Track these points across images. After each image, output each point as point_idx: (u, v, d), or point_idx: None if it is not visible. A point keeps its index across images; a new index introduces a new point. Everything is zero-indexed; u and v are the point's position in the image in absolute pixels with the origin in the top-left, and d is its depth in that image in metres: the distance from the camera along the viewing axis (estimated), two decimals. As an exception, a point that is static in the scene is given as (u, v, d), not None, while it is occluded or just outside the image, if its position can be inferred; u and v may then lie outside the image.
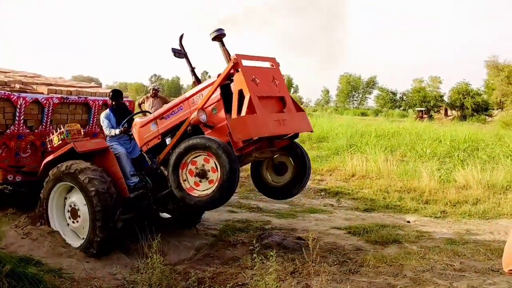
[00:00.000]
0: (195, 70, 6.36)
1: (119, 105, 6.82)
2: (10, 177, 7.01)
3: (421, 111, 55.13)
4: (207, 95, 5.60)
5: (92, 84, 9.68)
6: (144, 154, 6.34)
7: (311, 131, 6.31)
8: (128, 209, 6.14)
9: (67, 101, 7.47)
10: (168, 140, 6.08)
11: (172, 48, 6.19)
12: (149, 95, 11.71)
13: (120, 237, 6.01)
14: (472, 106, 55.51)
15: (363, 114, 62.43)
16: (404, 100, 68.62)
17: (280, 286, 4.62)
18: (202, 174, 5.25)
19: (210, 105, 5.66)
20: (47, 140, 6.80)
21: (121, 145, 6.50)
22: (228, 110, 5.50)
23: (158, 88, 11.75)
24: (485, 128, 26.48)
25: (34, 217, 6.58)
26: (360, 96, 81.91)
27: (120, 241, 6.07)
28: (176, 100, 6.23)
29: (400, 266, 5.88)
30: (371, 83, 79.18)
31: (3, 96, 6.71)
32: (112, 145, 6.42)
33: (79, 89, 7.98)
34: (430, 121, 42.89)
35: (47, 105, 7.15)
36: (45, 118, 7.21)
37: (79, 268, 5.49)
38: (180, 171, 5.34)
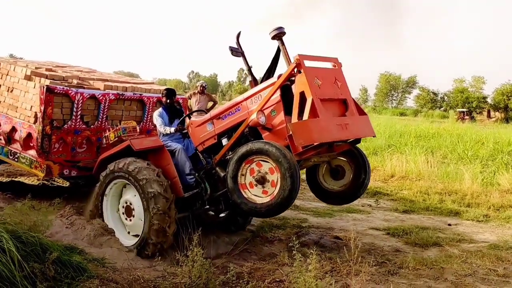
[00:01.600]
0: (252, 69, 6.24)
1: (172, 103, 6.80)
2: (66, 171, 7.08)
3: (463, 112, 53.70)
4: (267, 97, 5.46)
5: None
6: (199, 153, 6.29)
7: (374, 136, 6.09)
8: (182, 208, 6.10)
9: (123, 97, 7.51)
10: (224, 141, 5.98)
11: (230, 47, 6.10)
12: (196, 91, 11.72)
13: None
14: (516, 108, 53.73)
15: (402, 114, 61.35)
16: (445, 101, 67.04)
17: (319, 285, 4.60)
18: (260, 180, 5.18)
19: (269, 107, 5.52)
20: (103, 136, 6.90)
21: (176, 142, 6.46)
22: (287, 113, 5.38)
23: (205, 85, 11.78)
24: (531, 131, 25.54)
25: (78, 207, 6.78)
26: (399, 95, 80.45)
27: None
28: (233, 101, 6.14)
29: (441, 270, 5.76)
30: (411, 83, 77.64)
31: (61, 92, 6.79)
32: (167, 142, 6.39)
33: (134, 85, 8.01)
34: (471, 122, 41.75)
35: (103, 101, 7.21)
36: (101, 114, 7.27)
37: (120, 258, 5.62)
38: (244, 164, 5.27)
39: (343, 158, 6.16)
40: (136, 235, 6.09)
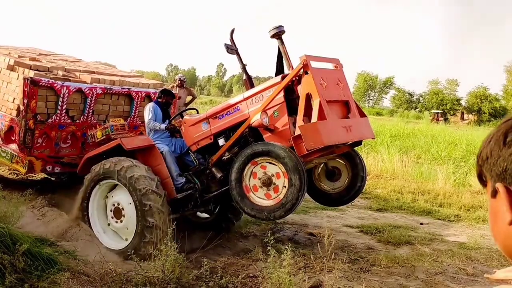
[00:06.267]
0: (246, 67, 6.12)
1: (166, 103, 6.54)
2: (49, 167, 6.76)
3: (437, 113, 54.66)
4: (271, 97, 5.35)
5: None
6: (191, 153, 6.06)
7: (373, 138, 6.08)
8: (174, 210, 5.88)
9: (110, 91, 7.12)
10: (221, 141, 5.78)
11: (225, 44, 5.95)
12: (174, 84, 11.50)
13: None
14: (489, 111, 54.93)
15: (378, 113, 62.04)
16: (421, 102, 68.10)
17: (292, 280, 4.62)
18: (266, 182, 5.14)
19: (271, 108, 5.41)
20: (89, 134, 6.62)
21: (162, 142, 6.18)
22: (290, 114, 5.33)
23: (184, 79, 11.53)
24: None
25: (50, 199, 6.65)
26: (376, 95, 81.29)
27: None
28: (231, 100, 6.00)
29: (412, 268, 5.85)
30: (388, 83, 78.52)
31: (46, 84, 6.44)
32: (155, 142, 6.11)
33: (122, 78, 7.63)
34: (445, 124, 42.53)
35: (90, 95, 6.84)
36: (87, 109, 6.90)
37: (93, 251, 5.52)
38: (249, 165, 5.22)
39: (340, 160, 6.11)
40: (125, 238, 5.86)
